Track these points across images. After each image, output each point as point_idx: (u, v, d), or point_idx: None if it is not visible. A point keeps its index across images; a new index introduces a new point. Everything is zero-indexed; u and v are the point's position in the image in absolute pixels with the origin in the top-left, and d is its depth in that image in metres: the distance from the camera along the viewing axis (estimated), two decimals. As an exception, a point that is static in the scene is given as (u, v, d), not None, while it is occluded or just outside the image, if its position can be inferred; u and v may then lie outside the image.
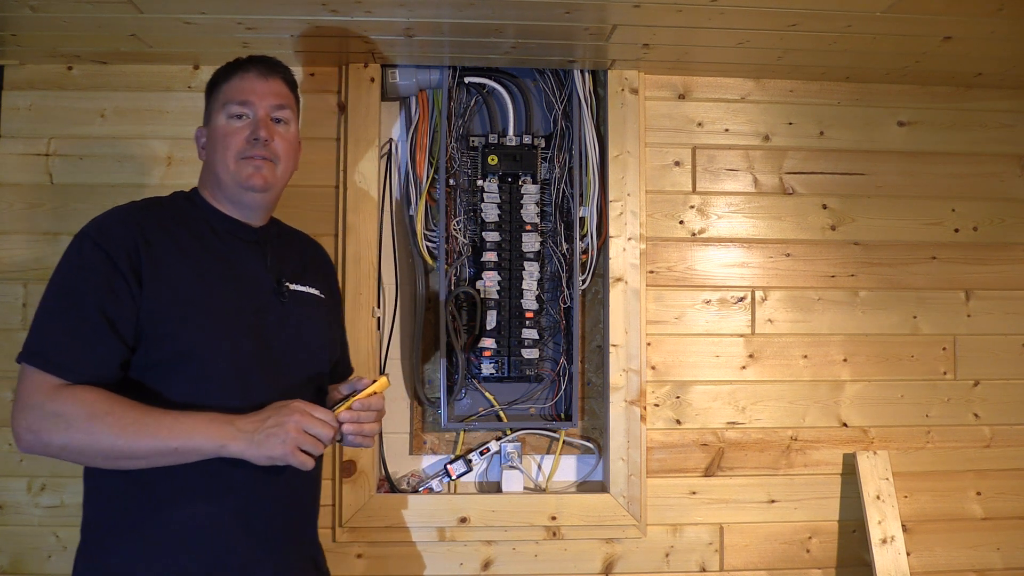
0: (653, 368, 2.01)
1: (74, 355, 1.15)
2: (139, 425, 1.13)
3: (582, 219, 1.98)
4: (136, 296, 1.18)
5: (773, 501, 2.01)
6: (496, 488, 1.98)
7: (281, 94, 1.33)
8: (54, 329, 1.16)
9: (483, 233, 1.95)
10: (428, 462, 1.99)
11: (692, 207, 2.05)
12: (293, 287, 1.34)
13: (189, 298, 1.22)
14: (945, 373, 2.08)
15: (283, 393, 1.23)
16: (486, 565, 1.93)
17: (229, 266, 1.29)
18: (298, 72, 1.96)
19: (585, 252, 1.99)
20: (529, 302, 1.94)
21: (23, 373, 1.17)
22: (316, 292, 1.38)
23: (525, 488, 1.97)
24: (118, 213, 1.25)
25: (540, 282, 1.96)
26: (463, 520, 1.90)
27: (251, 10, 1.62)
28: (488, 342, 1.92)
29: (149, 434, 1.12)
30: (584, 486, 2.02)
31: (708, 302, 2.04)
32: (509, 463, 1.96)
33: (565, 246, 1.98)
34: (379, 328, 1.95)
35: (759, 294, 2.05)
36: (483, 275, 1.94)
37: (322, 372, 1.38)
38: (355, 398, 1.23)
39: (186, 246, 1.25)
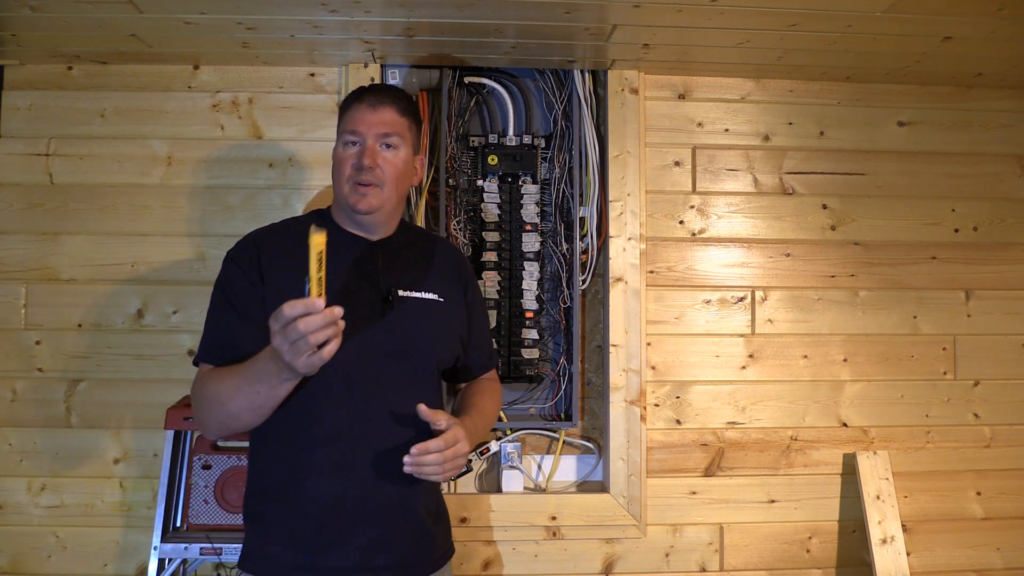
0: (653, 368, 2.01)
1: (212, 341, 1.36)
2: (228, 386, 1.26)
3: (582, 219, 1.97)
4: (261, 292, 1.34)
5: (773, 501, 2.01)
6: (496, 488, 1.98)
7: (389, 122, 1.41)
8: (205, 331, 1.38)
9: (483, 233, 1.95)
10: (428, 462, 1.99)
11: (692, 207, 2.05)
12: (405, 294, 1.41)
13: None
14: (945, 373, 2.08)
15: (388, 395, 1.36)
16: (486, 565, 1.93)
17: (338, 276, 1.37)
18: (298, 72, 1.96)
19: (585, 252, 1.99)
20: (529, 302, 1.95)
21: None
22: (434, 297, 1.45)
23: (525, 488, 1.97)
24: (250, 234, 1.45)
25: (540, 282, 1.96)
26: (463, 520, 1.90)
27: (251, 10, 1.62)
28: (488, 342, 1.92)
29: (235, 390, 1.25)
30: (584, 486, 2.02)
31: (708, 302, 2.04)
32: (509, 463, 1.96)
33: (565, 246, 1.98)
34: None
35: (759, 294, 2.05)
36: (483, 275, 1.94)
37: (431, 371, 1.45)
38: (312, 272, 1.12)
39: (296, 258, 1.29)
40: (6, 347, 1.90)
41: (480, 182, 1.96)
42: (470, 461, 1.90)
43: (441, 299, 1.46)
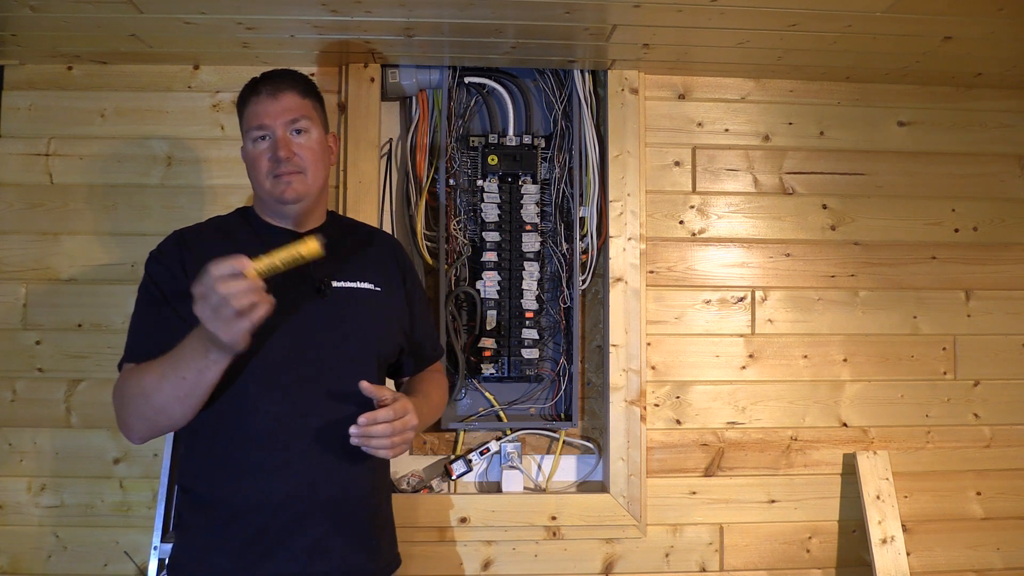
0: (653, 368, 2.01)
1: (137, 340, 1.31)
2: (152, 378, 1.20)
3: (582, 219, 1.98)
4: (186, 287, 1.20)
5: (773, 501, 2.01)
6: (496, 488, 1.98)
7: (293, 107, 1.37)
8: (129, 332, 1.33)
9: (483, 233, 1.95)
10: (428, 462, 1.99)
11: (692, 207, 2.05)
12: (339, 284, 1.38)
13: None
14: (945, 373, 2.08)
15: (325, 389, 1.31)
16: (486, 565, 1.93)
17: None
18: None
19: (585, 252, 1.99)
20: (529, 302, 1.95)
21: None
22: (369, 286, 1.41)
23: (525, 488, 1.97)
24: (174, 233, 1.40)
25: (540, 282, 1.96)
26: (463, 520, 1.90)
27: (251, 10, 1.62)
28: (488, 342, 1.92)
29: (160, 379, 1.19)
30: (584, 486, 2.02)
31: (708, 302, 2.04)
32: (509, 463, 1.96)
33: (565, 246, 1.98)
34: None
35: (759, 294, 2.05)
36: (483, 275, 1.94)
37: (370, 364, 1.40)
38: (277, 255, 1.11)
39: (222, 254, 1.27)
40: (6, 347, 1.90)
41: (480, 182, 1.96)
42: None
43: (378, 288, 1.42)
